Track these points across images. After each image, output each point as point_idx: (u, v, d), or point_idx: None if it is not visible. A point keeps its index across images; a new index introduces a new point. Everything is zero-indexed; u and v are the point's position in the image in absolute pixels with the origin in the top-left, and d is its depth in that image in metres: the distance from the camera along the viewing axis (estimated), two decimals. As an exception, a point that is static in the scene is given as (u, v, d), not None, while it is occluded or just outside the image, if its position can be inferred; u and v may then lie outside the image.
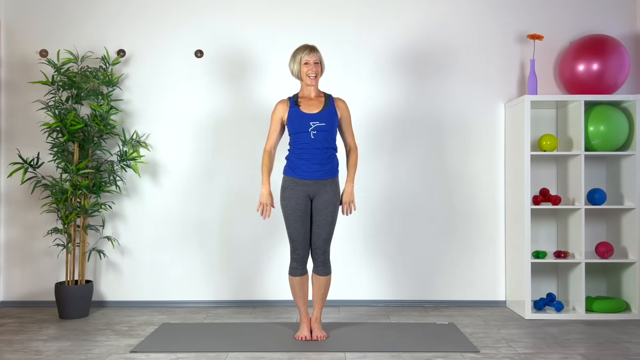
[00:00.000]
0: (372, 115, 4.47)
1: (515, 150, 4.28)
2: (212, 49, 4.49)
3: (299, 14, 4.49)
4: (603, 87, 4.20)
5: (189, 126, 4.49)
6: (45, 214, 4.44)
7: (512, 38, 4.49)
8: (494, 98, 4.49)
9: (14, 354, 3.33)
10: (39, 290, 4.48)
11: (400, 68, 4.49)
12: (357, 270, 4.48)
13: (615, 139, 4.11)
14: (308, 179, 3.48)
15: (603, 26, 4.48)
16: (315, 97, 3.56)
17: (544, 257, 4.22)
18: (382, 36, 4.48)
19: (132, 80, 4.50)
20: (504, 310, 4.32)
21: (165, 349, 3.38)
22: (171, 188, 4.49)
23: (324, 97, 3.57)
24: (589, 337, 3.63)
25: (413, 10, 4.49)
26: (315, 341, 3.53)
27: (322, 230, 3.53)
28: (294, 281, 3.59)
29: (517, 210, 4.22)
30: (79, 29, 4.50)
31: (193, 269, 4.49)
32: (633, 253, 4.13)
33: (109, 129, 4.24)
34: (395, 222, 4.48)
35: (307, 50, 3.50)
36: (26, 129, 4.48)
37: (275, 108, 3.56)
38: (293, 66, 3.54)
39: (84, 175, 4.25)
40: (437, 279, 4.48)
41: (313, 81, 3.50)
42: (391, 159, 4.49)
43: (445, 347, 3.40)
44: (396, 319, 4.07)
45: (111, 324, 3.98)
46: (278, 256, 4.47)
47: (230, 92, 4.49)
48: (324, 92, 3.61)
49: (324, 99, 3.57)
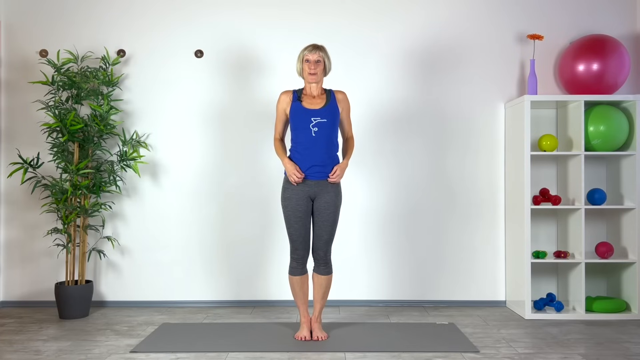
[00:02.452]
0: (373, 116, 4.47)
1: (515, 150, 4.28)
2: (212, 49, 4.49)
3: (299, 15, 4.48)
4: (603, 87, 4.20)
5: (189, 126, 4.49)
6: (45, 214, 4.44)
7: (512, 38, 4.49)
8: (494, 98, 4.49)
9: (14, 354, 3.33)
10: (39, 290, 4.48)
11: (400, 68, 4.49)
12: (357, 270, 4.48)
13: (615, 139, 4.11)
14: (311, 179, 3.48)
15: (603, 26, 4.48)
16: (317, 95, 3.56)
17: (544, 257, 4.22)
18: (384, 37, 4.48)
19: (132, 80, 4.50)
20: (504, 310, 4.32)
21: (165, 349, 3.38)
22: (171, 188, 4.49)
23: (326, 94, 3.58)
24: (589, 337, 3.63)
25: (413, 10, 4.49)
26: (315, 341, 3.53)
27: (324, 232, 3.53)
28: (294, 281, 3.59)
29: (517, 210, 4.22)
30: (79, 29, 4.50)
31: (193, 269, 4.49)
32: (633, 253, 4.13)
33: (109, 129, 4.24)
34: (395, 222, 4.48)
35: (309, 48, 3.51)
36: (26, 129, 4.48)
37: (280, 98, 3.58)
38: (298, 64, 3.57)
39: (84, 175, 4.25)
40: (437, 279, 4.48)
41: (312, 78, 3.49)
42: (391, 159, 4.48)
43: (445, 347, 3.40)
44: (396, 319, 4.07)
45: (111, 324, 3.98)
46: (278, 256, 4.47)
47: (231, 92, 4.49)
48: (325, 89, 3.62)
49: (325, 96, 3.57)
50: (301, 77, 3.60)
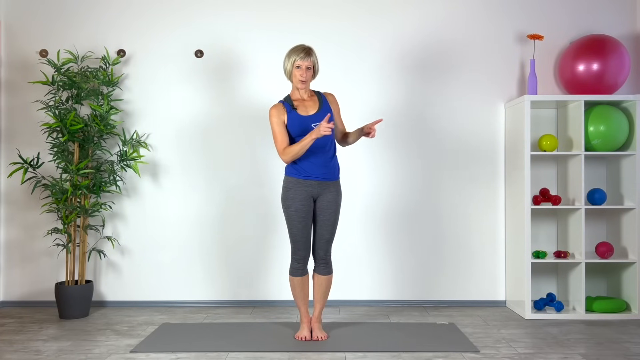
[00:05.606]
0: (373, 116, 4.47)
1: (515, 150, 4.28)
2: (212, 49, 4.49)
3: (299, 15, 4.48)
4: (603, 87, 4.20)
5: (189, 126, 4.49)
6: (45, 214, 4.44)
7: (512, 38, 4.49)
8: (494, 98, 4.49)
9: (14, 354, 3.33)
10: (39, 290, 4.48)
11: (400, 68, 4.49)
12: (357, 270, 4.48)
13: (615, 139, 4.11)
14: (313, 179, 3.48)
15: (603, 26, 4.48)
16: (308, 98, 3.55)
17: (544, 257, 4.22)
18: (383, 37, 4.48)
19: (132, 80, 4.50)
20: (504, 310, 4.32)
21: (165, 349, 3.38)
22: (171, 188, 4.49)
23: (317, 96, 3.57)
24: (589, 337, 3.63)
25: (413, 10, 4.49)
26: (315, 341, 3.53)
27: (325, 231, 3.53)
28: (295, 281, 3.58)
29: (517, 210, 4.22)
30: (79, 29, 4.50)
31: (193, 269, 4.49)
32: (633, 253, 4.13)
33: (109, 129, 4.24)
34: (395, 222, 4.48)
35: (302, 54, 3.44)
36: (26, 129, 4.48)
37: (273, 113, 3.45)
38: (286, 65, 3.49)
39: (84, 175, 4.25)
40: (437, 279, 4.48)
41: (303, 85, 3.48)
42: (391, 159, 4.48)
43: (445, 347, 3.40)
44: (396, 319, 4.07)
45: (111, 324, 3.98)
46: (278, 256, 4.47)
47: (231, 92, 4.49)
48: (314, 91, 3.61)
49: (317, 98, 3.56)
50: (288, 79, 3.53)
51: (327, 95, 3.60)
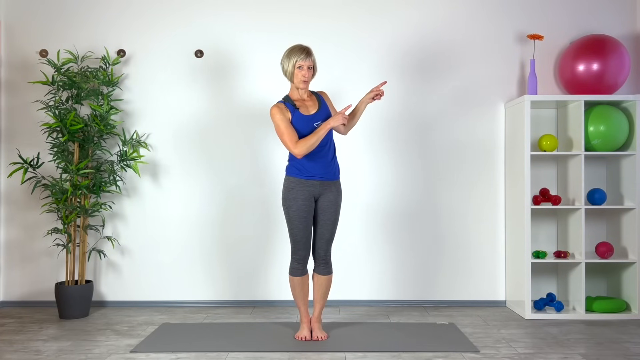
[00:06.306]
0: (372, 116, 4.47)
1: (515, 150, 4.28)
2: (212, 49, 4.49)
3: (299, 16, 4.48)
4: (603, 87, 4.20)
5: (189, 126, 4.49)
6: (45, 214, 4.44)
7: (512, 38, 4.49)
8: (494, 98, 4.49)
9: (14, 354, 3.33)
10: (39, 290, 4.48)
11: (400, 68, 4.49)
12: (357, 270, 4.48)
13: (615, 139, 4.11)
14: (315, 179, 3.47)
15: (603, 26, 4.48)
16: (307, 97, 3.56)
17: (544, 257, 4.22)
18: (382, 37, 4.48)
19: (132, 80, 4.50)
20: (504, 310, 4.32)
21: (165, 349, 3.38)
22: (171, 188, 4.49)
23: (315, 96, 3.59)
24: (589, 337, 3.63)
25: (412, 10, 4.49)
26: (315, 341, 3.53)
27: (326, 231, 3.54)
28: (295, 281, 3.58)
29: (517, 210, 4.22)
30: (79, 29, 4.50)
31: (193, 269, 4.49)
32: (633, 253, 4.13)
33: (109, 129, 4.24)
34: (395, 222, 4.48)
35: (302, 55, 3.43)
36: (26, 129, 4.48)
37: (276, 111, 3.42)
38: (287, 66, 3.46)
39: (84, 175, 4.25)
40: (437, 279, 4.48)
41: (305, 85, 3.48)
42: (391, 159, 4.49)
43: (445, 347, 3.40)
44: (396, 319, 4.07)
45: (111, 324, 3.98)
46: (278, 256, 4.47)
47: (231, 91, 4.49)
48: (310, 90, 3.62)
49: (315, 97, 3.58)
50: (288, 79, 3.50)
51: (323, 95, 3.64)
